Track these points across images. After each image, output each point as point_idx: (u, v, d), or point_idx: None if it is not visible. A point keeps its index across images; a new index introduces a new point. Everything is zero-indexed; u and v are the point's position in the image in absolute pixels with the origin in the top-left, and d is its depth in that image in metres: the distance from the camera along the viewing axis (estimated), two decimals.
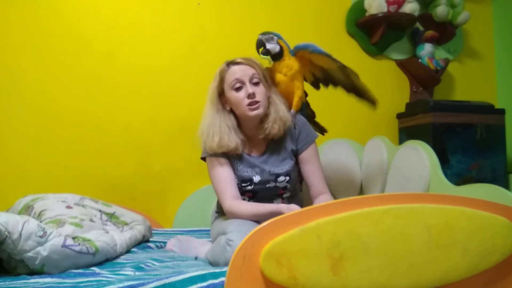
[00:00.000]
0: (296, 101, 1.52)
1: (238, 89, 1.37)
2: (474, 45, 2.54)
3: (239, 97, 1.36)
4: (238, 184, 1.41)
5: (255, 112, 1.37)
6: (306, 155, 1.46)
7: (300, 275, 0.85)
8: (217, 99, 1.41)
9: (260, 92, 1.38)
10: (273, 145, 1.46)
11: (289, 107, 1.50)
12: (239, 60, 1.39)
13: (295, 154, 1.47)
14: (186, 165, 1.99)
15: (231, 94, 1.38)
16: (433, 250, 0.94)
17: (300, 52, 1.52)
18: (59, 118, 1.92)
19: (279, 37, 1.51)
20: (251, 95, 1.35)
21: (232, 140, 1.37)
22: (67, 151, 1.92)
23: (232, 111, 1.42)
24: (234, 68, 1.38)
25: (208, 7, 2.11)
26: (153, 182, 2.00)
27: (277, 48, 1.48)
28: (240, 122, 1.44)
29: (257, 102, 1.36)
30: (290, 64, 1.50)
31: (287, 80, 1.51)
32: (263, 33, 1.50)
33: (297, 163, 1.48)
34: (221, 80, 1.40)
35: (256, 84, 1.38)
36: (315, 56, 1.51)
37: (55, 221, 1.29)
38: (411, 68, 2.35)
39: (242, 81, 1.36)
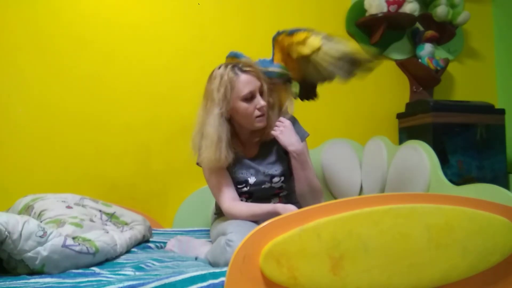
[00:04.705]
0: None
1: (248, 101, 1.35)
2: (474, 45, 2.54)
3: (249, 109, 1.35)
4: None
5: (261, 124, 1.38)
6: None
7: (300, 275, 0.85)
8: (225, 107, 1.33)
9: (265, 103, 1.37)
10: (266, 147, 1.46)
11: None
12: (247, 68, 1.34)
13: (286, 152, 1.46)
14: (186, 165, 1.99)
15: (240, 105, 1.34)
16: (433, 250, 0.94)
17: (275, 42, 1.48)
18: (59, 118, 1.92)
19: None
20: (262, 109, 1.35)
21: (229, 156, 1.34)
22: (67, 151, 1.92)
23: (229, 119, 1.38)
24: (245, 77, 1.33)
25: (208, 7, 2.11)
26: (153, 182, 2.00)
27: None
28: (235, 128, 1.43)
29: (263, 114, 1.37)
30: None
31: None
32: None
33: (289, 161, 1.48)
34: (231, 88, 1.33)
35: (262, 95, 1.37)
36: (294, 38, 1.42)
37: (55, 221, 1.29)
38: (411, 68, 2.35)
39: (254, 94, 1.34)
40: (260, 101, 1.34)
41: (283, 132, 1.38)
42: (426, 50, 2.27)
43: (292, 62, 1.50)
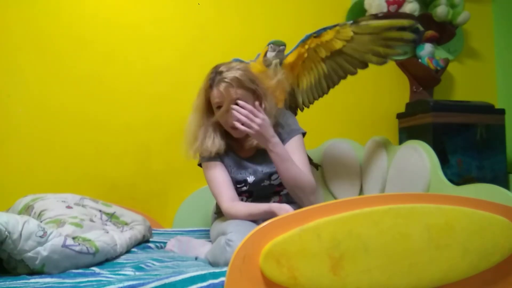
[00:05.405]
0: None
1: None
2: (474, 45, 2.54)
3: (222, 120, 1.38)
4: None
5: (237, 135, 1.40)
6: (287, 147, 1.40)
7: (300, 275, 0.85)
8: (205, 109, 1.41)
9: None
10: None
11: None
12: (226, 80, 1.32)
13: None
14: (186, 165, 1.98)
15: (216, 113, 1.39)
16: (433, 250, 0.94)
17: (301, 45, 1.54)
18: (59, 118, 1.92)
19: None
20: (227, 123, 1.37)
21: (216, 143, 1.39)
22: (67, 151, 1.92)
23: None
24: (216, 92, 1.35)
25: (208, 7, 2.11)
26: (153, 182, 2.00)
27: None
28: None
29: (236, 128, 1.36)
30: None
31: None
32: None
33: None
34: (207, 99, 1.40)
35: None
36: (323, 38, 1.53)
37: (55, 221, 1.29)
38: (411, 68, 2.35)
39: (221, 106, 1.36)
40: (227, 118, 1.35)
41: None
42: (426, 50, 2.27)
43: (304, 68, 1.61)
